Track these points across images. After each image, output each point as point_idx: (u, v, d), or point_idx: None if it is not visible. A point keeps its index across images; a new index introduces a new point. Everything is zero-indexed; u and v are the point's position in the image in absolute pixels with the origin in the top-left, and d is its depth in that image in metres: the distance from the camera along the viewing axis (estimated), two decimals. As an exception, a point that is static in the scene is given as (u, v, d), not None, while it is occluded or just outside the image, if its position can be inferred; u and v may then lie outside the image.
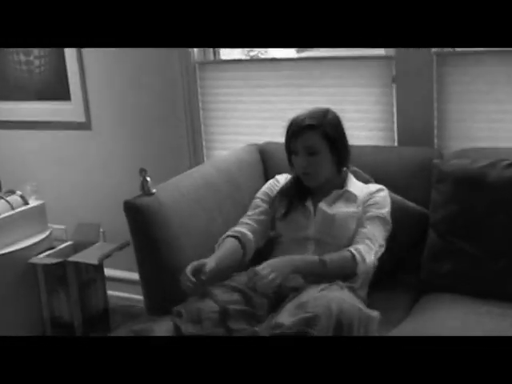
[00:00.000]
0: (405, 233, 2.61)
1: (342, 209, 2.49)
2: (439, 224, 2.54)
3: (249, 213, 2.62)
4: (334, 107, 2.56)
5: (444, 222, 2.52)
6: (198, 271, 2.28)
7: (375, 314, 2.16)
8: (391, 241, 2.52)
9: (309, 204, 2.53)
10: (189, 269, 2.27)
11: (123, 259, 3.56)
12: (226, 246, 2.48)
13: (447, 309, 2.35)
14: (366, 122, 3.04)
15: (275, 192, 2.63)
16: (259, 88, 3.25)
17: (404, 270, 2.65)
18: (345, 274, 2.34)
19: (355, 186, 2.56)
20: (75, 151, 3.86)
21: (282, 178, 2.68)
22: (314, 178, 2.51)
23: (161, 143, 3.58)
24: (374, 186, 2.57)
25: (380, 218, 2.46)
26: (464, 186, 2.50)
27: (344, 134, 2.52)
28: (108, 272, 3.72)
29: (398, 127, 2.96)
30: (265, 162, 3.03)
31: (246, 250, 2.52)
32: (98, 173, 3.82)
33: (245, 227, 2.55)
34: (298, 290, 2.31)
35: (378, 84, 2.98)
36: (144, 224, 2.44)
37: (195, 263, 2.30)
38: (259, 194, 2.66)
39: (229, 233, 2.53)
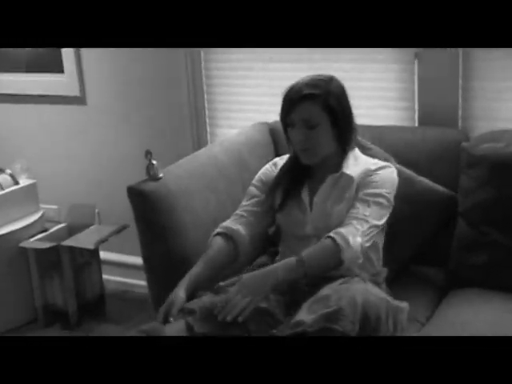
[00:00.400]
0: (431, 218, 2.43)
1: (338, 201, 2.22)
2: (470, 212, 2.35)
3: (243, 203, 2.37)
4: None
5: (475, 210, 2.34)
6: (169, 312, 2.06)
7: (404, 304, 1.99)
8: (415, 228, 2.34)
9: (305, 196, 2.28)
10: (160, 313, 2.07)
11: (119, 242, 3.39)
12: (210, 253, 2.23)
13: (478, 306, 2.18)
14: (384, 101, 2.83)
15: (272, 178, 2.36)
16: (269, 63, 3.03)
17: (428, 262, 2.47)
18: (329, 264, 2.09)
19: (355, 163, 2.26)
20: (69, 127, 3.63)
21: (282, 162, 2.40)
22: (313, 155, 2.21)
23: (161, 120, 3.36)
24: (375, 164, 2.27)
25: (375, 196, 2.17)
26: (498, 172, 2.30)
27: (349, 106, 2.23)
28: (102, 255, 3.53)
29: (419, 106, 2.76)
30: (276, 142, 2.81)
31: (238, 246, 2.28)
32: (93, 151, 3.59)
33: (237, 221, 2.31)
34: (314, 286, 2.13)
35: (399, 60, 2.77)
36: (151, 211, 2.25)
37: (164, 306, 2.07)
38: (255, 181, 2.40)
39: (218, 230, 2.28)
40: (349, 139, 2.25)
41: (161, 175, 2.31)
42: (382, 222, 2.18)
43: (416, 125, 2.78)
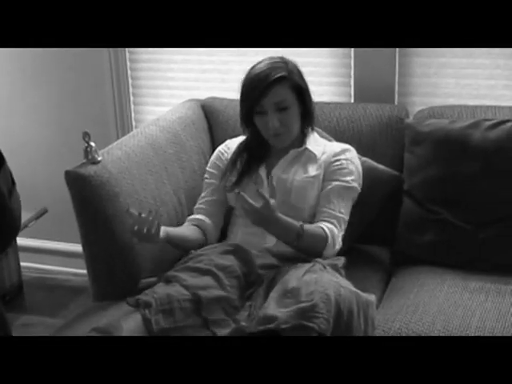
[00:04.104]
0: (375, 199, 2.38)
1: (299, 174, 2.20)
2: (416, 190, 2.33)
3: (202, 194, 2.34)
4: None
5: (422, 188, 2.32)
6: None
7: (372, 297, 1.92)
8: (360, 208, 2.30)
9: (262, 171, 2.24)
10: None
11: (35, 227, 3.19)
12: (185, 226, 2.25)
13: (432, 285, 2.13)
14: (318, 77, 2.75)
15: (226, 159, 2.32)
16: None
17: (375, 241, 2.44)
18: (315, 249, 2.08)
19: (317, 143, 2.27)
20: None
21: (234, 143, 2.35)
22: (287, 138, 2.20)
23: (79, 96, 3.17)
24: (338, 146, 2.28)
25: (346, 189, 2.19)
26: (445, 149, 2.28)
27: (307, 82, 2.24)
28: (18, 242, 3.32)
29: (355, 82, 2.72)
30: (208, 118, 2.72)
31: (207, 235, 2.26)
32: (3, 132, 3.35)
33: (199, 213, 2.29)
34: (269, 268, 2.06)
35: (335, 34, 2.71)
36: (93, 198, 2.09)
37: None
38: (209, 167, 2.36)
39: (186, 223, 2.28)
40: (312, 115, 2.25)
41: (99, 158, 2.17)
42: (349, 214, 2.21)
43: (352, 101, 2.75)
